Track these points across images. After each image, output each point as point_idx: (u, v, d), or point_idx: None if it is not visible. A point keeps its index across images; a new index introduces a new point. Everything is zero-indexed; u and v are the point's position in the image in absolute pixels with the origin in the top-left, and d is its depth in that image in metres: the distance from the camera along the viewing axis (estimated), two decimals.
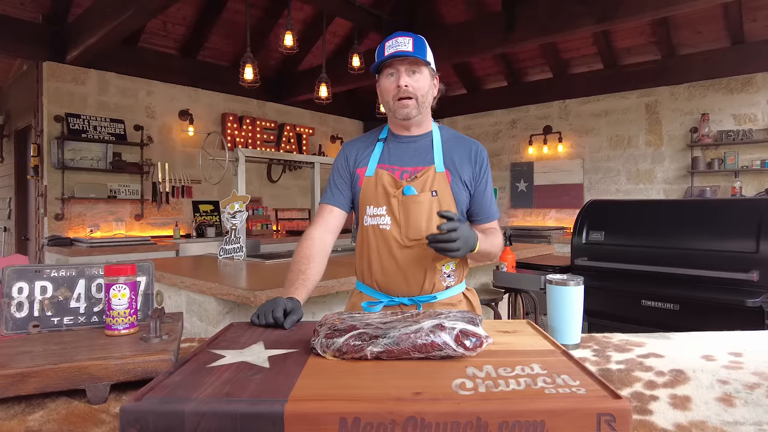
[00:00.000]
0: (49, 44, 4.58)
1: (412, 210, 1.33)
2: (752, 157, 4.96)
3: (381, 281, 1.38)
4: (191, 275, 2.28)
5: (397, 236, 1.34)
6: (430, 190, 1.34)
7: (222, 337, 0.94)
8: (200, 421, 0.60)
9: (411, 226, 1.33)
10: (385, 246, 1.35)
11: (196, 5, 5.09)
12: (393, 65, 1.31)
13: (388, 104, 1.35)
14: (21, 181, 5.62)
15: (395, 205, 1.33)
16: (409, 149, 1.40)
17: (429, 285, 1.37)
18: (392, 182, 1.35)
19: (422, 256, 1.34)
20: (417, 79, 1.32)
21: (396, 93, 1.31)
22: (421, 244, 1.33)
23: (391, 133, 1.44)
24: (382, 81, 1.35)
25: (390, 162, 1.39)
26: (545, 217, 6.43)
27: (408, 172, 1.37)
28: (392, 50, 1.28)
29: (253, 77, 3.90)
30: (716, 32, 4.99)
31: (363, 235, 1.39)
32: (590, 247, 2.69)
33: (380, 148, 1.41)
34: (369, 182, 1.37)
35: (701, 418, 0.73)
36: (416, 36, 1.32)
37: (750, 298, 2.09)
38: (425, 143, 1.41)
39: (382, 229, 1.35)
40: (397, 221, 1.34)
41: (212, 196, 5.73)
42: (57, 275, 1.05)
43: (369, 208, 1.37)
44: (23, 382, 0.78)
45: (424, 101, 1.35)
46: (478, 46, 4.94)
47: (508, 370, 0.74)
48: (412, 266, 1.35)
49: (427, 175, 1.35)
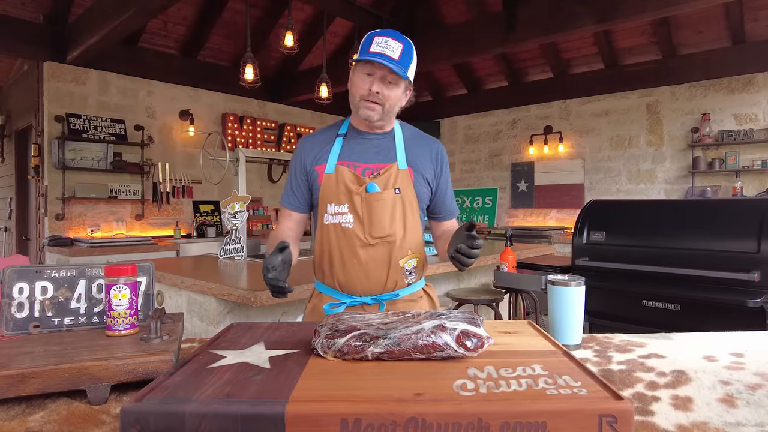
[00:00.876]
0: (49, 44, 4.58)
1: (375, 207, 1.31)
2: (753, 157, 4.96)
3: (343, 281, 1.36)
4: (192, 275, 2.28)
5: (360, 234, 1.32)
6: (393, 187, 1.33)
7: (223, 338, 0.94)
8: (201, 422, 0.60)
9: (375, 223, 1.31)
10: (348, 245, 1.33)
11: (196, 5, 5.09)
12: (372, 65, 1.28)
13: (355, 99, 1.34)
14: (22, 181, 5.63)
15: (358, 203, 1.31)
16: (372, 146, 1.38)
17: (391, 283, 1.36)
18: (354, 179, 1.32)
19: (385, 254, 1.33)
20: (390, 89, 1.30)
21: (366, 94, 1.30)
22: (384, 241, 1.32)
23: (353, 128, 1.41)
24: (356, 76, 1.32)
25: (351, 159, 1.36)
26: (546, 217, 6.43)
27: (370, 170, 1.35)
28: (379, 49, 1.25)
29: (254, 77, 3.90)
30: (717, 32, 4.98)
31: (323, 234, 1.36)
32: (591, 248, 2.69)
33: (340, 144, 1.38)
34: (329, 179, 1.34)
35: (703, 419, 0.73)
36: (407, 43, 1.29)
37: (751, 299, 2.09)
38: (387, 141, 1.40)
39: (345, 227, 1.32)
40: (360, 219, 1.32)
41: (213, 196, 5.73)
42: (58, 276, 1.05)
43: (330, 206, 1.34)
44: (24, 383, 0.78)
45: (391, 110, 1.34)
46: (479, 46, 4.94)
47: (510, 370, 0.74)
48: (375, 264, 1.33)
49: (390, 172, 1.34)
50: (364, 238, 1.32)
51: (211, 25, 5.32)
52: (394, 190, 1.33)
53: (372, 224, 1.31)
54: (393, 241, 1.33)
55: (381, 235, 1.32)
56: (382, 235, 1.32)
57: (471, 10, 5.46)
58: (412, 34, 5.30)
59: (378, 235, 1.32)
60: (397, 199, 1.33)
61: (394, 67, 1.24)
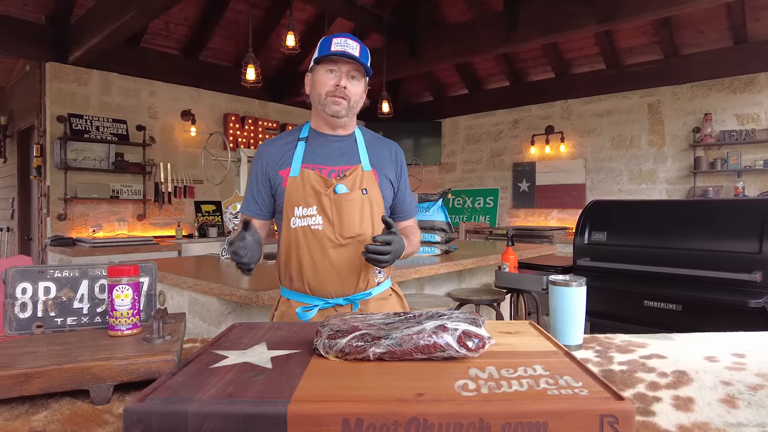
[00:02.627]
0: (51, 45, 4.60)
1: (344, 208, 1.33)
2: (755, 157, 4.95)
3: (313, 283, 1.35)
4: (193, 275, 2.29)
5: (330, 235, 1.33)
6: (360, 188, 1.35)
7: (225, 338, 0.94)
8: (203, 422, 0.60)
9: (345, 224, 1.33)
10: (318, 246, 1.33)
11: (198, 6, 5.10)
12: (336, 63, 1.32)
13: (320, 97, 1.35)
14: (24, 182, 5.65)
15: (327, 204, 1.32)
16: (335, 148, 1.40)
17: (363, 282, 1.37)
18: (321, 181, 1.33)
19: (356, 254, 1.34)
20: (354, 85, 1.35)
21: (332, 90, 1.33)
22: (355, 241, 1.34)
23: (314, 131, 1.42)
24: (320, 74, 1.35)
25: (316, 162, 1.37)
26: (547, 217, 6.42)
27: (336, 171, 1.37)
28: (340, 48, 1.30)
29: (255, 77, 3.90)
30: (719, 32, 4.97)
31: (290, 237, 1.35)
32: (592, 248, 2.68)
33: (302, 148, 1.39)
34: (295, 183, 1.34)
35: (704, 419, 0.73)
36: (363, 45, 1.35)
37: (753, 299, 2.08)
38: (350, 143, 1.42)
39: (314, 229, 1.33)
40: (329, 220, 1.33)
41: (214, 196, 5.74)
42: (60, 276, 1.05)
43: (297, 209, 1.34)
44: (27, 383, 0.79)
45: (355, 106, 1.37)
46: (480, 46, 4.94)
47: (511, 371, 0.74)
48: (347, 265, 1.34)
49: (355, 173, 1.36)
50: (335, 239, 1.33)
51: (212, 26, 5.33)
52: (361, 191, 1.35)
53: (342, 225, 1.33)
54: (363, 240, 1.34)
55: (351, 235, 1.34)
56: (352, 235, 1.34)
57: (472, 10, 5.45)
58: (413, 34, 5.34)
59: (349, 235, 1.33)
60: (365, 200, 1.35)
61: (359, 61, 1.31)
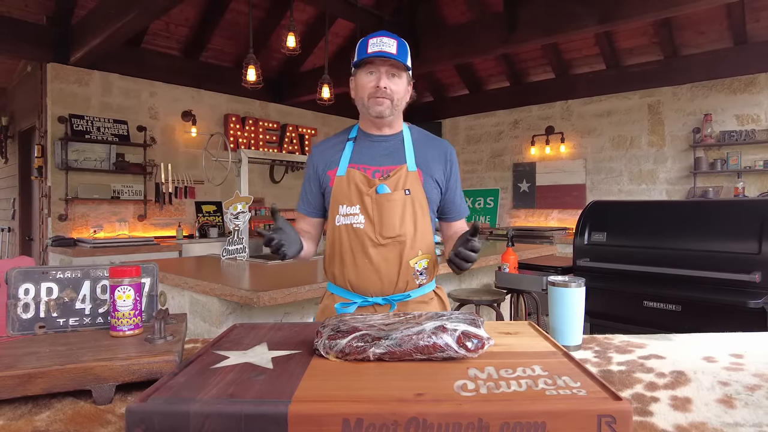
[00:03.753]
0: (52, 46, 4.60)
1: (385, 208, 1.34)
2: (755, 157, 4.95)
3: (354, 281, 1.37)
4: (194, 276, 2.29)
5: (371, 234, 1.34)
6: (403, 188, 1.35)
7: (226, 338, 0.94)
8: (205, 422, 0.61)
9: (385, 224, 1.34)
10: (359, 245, 1.35)
11: (198, 6, 5.10)
12: (374, 64, 1.32)
13: (363, 101, 1.37)
14: (25, 182, 5.65)
15: (369, 204, 1.34)
16: (381, 149, 1.41)
17: (402, 283, 1.37)
18: (365, 181, 1.35)
19: (396, 254, 1.35)
20: (396, 83, 1.35)
21: (374, 92, 1.33)
22: (395, 242, 1.34)
23: (362, 132, 1.44)
24: (361, 77, 1.36)
25: (361, 162, 1.39)
26: (547, 217, 6.43)
27: (380, 172, 1.38)
28: (376, 49, 1.30)
29: (256, 78, 3.91)
30: (719, 33, 4.98)
31: (335, 235, 1.39)
32: (592, 248, 2.69)
33: (350, 148, 1.42)
34: (341, 182, 1.37)
35: (702, 419, 0.74)
36: (400, 39, 1.34)
37: (752, 300, 2.09)
38: (396, 143, 1.43)
39: (356, 227, 1.35)
40: (371, 219, 1.34)
41: (215, 196, 5.74)
42: (62, 277, 1.06)
43: (342, 207, 1.37)
44: (30, 383, 0.79)
45: (399, 104, 1.37)
46: (480, 46, 4.94)
47: (510, 371, 0.75)
48: (386, 264, 1.35)
49: (399, 174, 1.37)
50: (374, 238, 1.34)
51: (213, 27, 5.33)
52: (404, 191, 1.35)
53: (382, 224, 1.34)
54: (404, 241, 1.35)
55: (391, 235, 1.34)
56: (392, 235, 1.34)
57: (472, 11, 5.46)
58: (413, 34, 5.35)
59: (388, 235, 1.34)
60: (407, 200, 1.36)
61: (396, 58, 1.29)
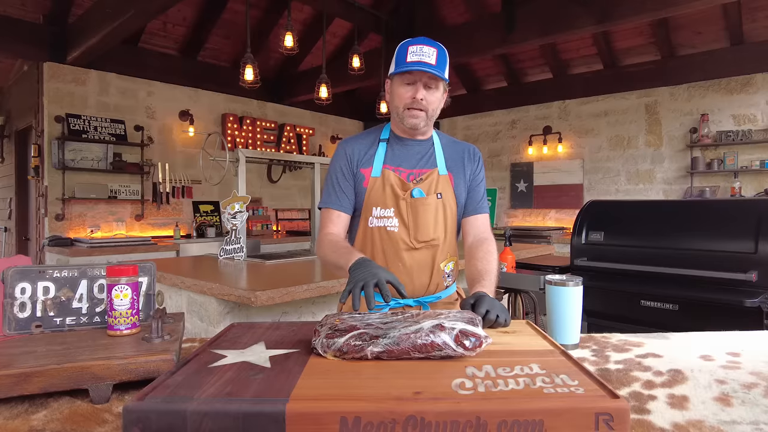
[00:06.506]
0: (49, 45, 4.59)
1: (420, 212, 1.34)
2: (752, 157, 4.97)
3: None
4: (192, 275, 2.29)
5: (405, 238, 1.35)
6: (435, 192, 1.36)
7: (223, 338, 0.94)
8: (202, 421, 0.61)
9: (420, 228, 1.35)
10: (392, 248, 1.35)
11: (196, 6, 5.09)
12: (412, 74, 1.30)
13: (398, 110, 1.35)
14: (21, 182, 5.63)
15: (404, 208, 1.34)
16: (414, 152, 1.41)
17: (433, 285, 1.39)
18: (400, 184, 1.35)
19: (429, 257, 1.36)
20: (432, 93, 1.33)
21: (409, 103, 1.32)
22: (428, 245, 1.35)
23: (394, 135, 1.44)
24: (397, 86, 1.34)
25: (395, 164, 1.39)
26: (545, 217, 6.44)
27: (414, 175, 1.38)
28: (415, 58, 1.27)
29: (254, 78, 3.90)
30: (716, 33, 4.99)
31: (366, 236, 1.38)
32: (590, 248, 2.69)
33: (384, 149, 1.41)
34: (376, 183, 1.37)
35: (699, 417, 0.74)
36: (440, 47, 1.31)
37: (749, 299, 2.10)
38: (427, 147, 1.43)
39: (390, 231, 1.35)
40: (405, 223, 1.35)
41: (212, 196, 5.73)
42: (59, 276, 1.06)
43: (376, 210, 1.36)
44: (27, 382, 0.79)
45: (433, 114, 1.37)
46: (478, 46, 4.95)
47: (508, 370, 0.75)
48: (419, 268, 1.36)
49: (431, 177, 1.37)
50: (409, 242, 1.35)
51: (210, 26, 5.32)
52: (436, 195, 1.36)
53: (417, 229, 1.35)
54: (437, 245, 1.36)
55: (426, 239, 1.35)
56: (426, 240, 1.35)
57: (470, 11, 5.46)
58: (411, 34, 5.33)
59: (423, 240, 1.35)
60: (439, 204, 1.37)
61: (435, 72, 1.27)
